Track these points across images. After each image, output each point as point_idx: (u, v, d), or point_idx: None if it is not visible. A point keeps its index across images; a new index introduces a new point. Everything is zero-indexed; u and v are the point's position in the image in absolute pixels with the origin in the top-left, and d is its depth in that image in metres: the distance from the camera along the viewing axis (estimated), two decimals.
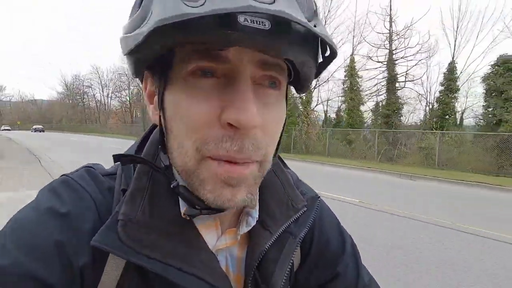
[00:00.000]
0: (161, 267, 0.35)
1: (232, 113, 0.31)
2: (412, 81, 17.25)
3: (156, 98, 0.38)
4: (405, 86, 17.28)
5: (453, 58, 15.18)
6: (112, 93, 47.41)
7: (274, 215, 0.45)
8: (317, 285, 0.50)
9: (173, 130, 0.35)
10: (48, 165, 9.31)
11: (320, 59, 0.36)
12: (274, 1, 0.28)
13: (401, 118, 16.74)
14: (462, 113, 14.91)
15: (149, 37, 0.28)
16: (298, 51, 0.32)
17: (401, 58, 17.07)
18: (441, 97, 14.71)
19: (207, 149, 0.33)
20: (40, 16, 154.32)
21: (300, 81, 0.38)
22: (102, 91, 48.96)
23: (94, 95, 51.10)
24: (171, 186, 0.38)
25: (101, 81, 48.11)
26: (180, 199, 0.39)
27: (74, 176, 0.40)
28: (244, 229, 0.42)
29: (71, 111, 53.37)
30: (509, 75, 11.58)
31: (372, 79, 17.91)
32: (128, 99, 43.79)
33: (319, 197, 0.51)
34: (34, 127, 45.13)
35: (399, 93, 16.82)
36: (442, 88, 14.66)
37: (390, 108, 16.13)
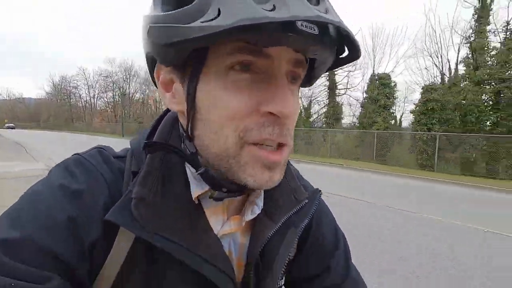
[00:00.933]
0: (169, 245, 0.37)
1: (275, 105, 0.35)
2: (349, 88, 20.51)
3: (175, 86, 0.40)
4: (346, 93, 20.53)
5: (373, 70, 18.51)
6: (98, 94, 49.76)
7: (278, 205, 0.48)
8: (309, 276, 0.52)
9: (207, 119, 0.37)
10: (32, 152, 12.11)
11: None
12: (327, 12, 0.32)
13: (341, 120, 19.92)
14: (401, 116, 18.56)
15: (223, 33, 0.28)
16: (328, 52, 0.36)
17: (339, 69, 20.21)
18: (365, 103, 17.89)
19: (250, 135, 0.36)
20: (40, 16, 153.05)
21: (311, 76, 0.42)
22: (88, 92, 51.04)
23: (80, 95, 52.82)
24: (197, 172, 0.40)
25: (87, 82, 50.25)
26: (191, 183, 0.41)
27: (86, 155, 0.41)
28: (250, 216, 0.44)
29: (58, 110, 54.67)
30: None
31: (319, 85, 21.06)
32: (113, 100, 46.21)
33: (320, 191, 0.54)
34: (6, 125, 53.22)
35: (342, 98, 20.15)
36: (367, 95, 17.84)
37: (329, 111, 19.24)
